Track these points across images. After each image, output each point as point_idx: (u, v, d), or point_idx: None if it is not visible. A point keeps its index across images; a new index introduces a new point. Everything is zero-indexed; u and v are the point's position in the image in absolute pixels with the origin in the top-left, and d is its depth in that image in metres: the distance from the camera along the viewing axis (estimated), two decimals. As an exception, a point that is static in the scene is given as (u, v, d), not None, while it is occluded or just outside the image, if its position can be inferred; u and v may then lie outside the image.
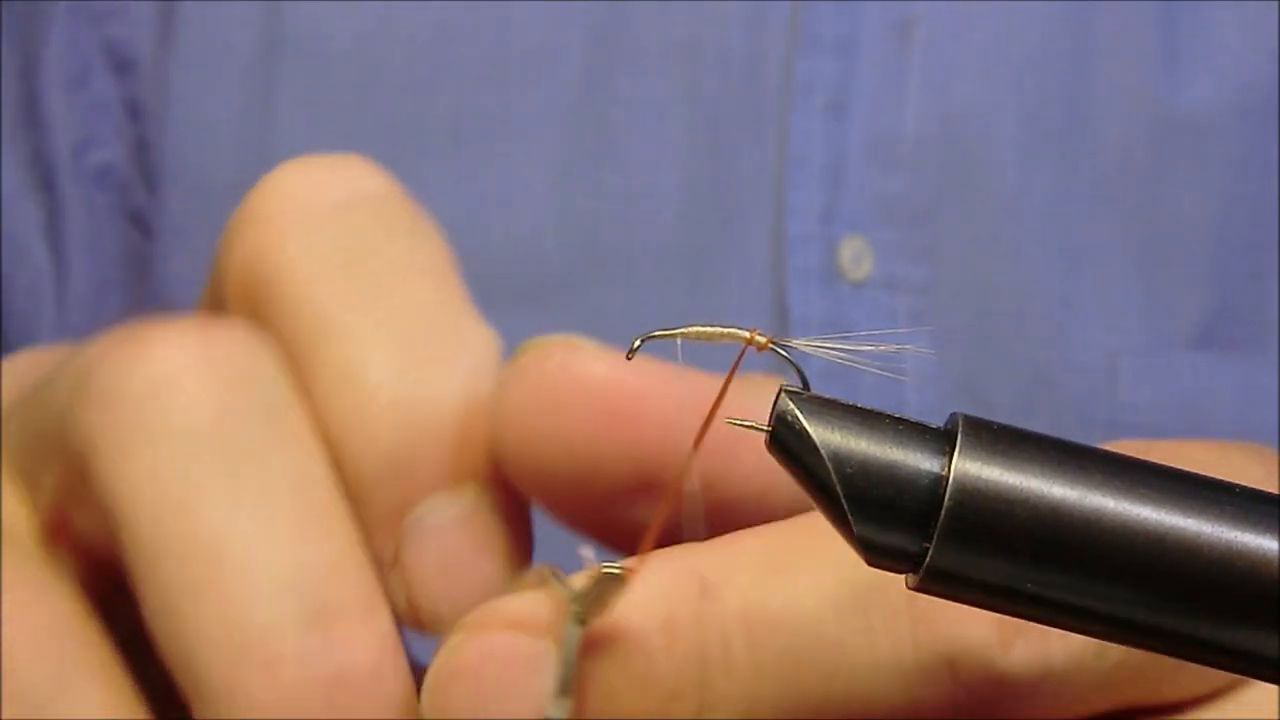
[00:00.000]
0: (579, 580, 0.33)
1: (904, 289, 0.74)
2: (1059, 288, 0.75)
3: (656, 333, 0.35)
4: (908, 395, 0.73)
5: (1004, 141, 0.75)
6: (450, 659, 0.31)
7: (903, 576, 0.33)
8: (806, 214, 0.74)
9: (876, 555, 0.32)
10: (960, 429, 0.32)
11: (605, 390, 0.35)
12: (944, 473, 0.32)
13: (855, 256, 0.74)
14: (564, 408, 0.35)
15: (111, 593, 0.33)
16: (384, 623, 0.31)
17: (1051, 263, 0.75)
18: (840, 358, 0.35)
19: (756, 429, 0.34)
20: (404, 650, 0.32)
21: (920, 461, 0.32)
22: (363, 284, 0.34)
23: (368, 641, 0.30)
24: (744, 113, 0.74)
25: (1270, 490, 0.31)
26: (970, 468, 0.31)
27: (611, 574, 0.32)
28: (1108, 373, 0.75)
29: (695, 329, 0.35)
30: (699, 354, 0.36)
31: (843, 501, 0.32)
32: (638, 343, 0.35)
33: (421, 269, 0.36)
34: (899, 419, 0.33)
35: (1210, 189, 0.76)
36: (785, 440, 0.33)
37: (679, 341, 0.35)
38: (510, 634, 0.32)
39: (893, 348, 0.36)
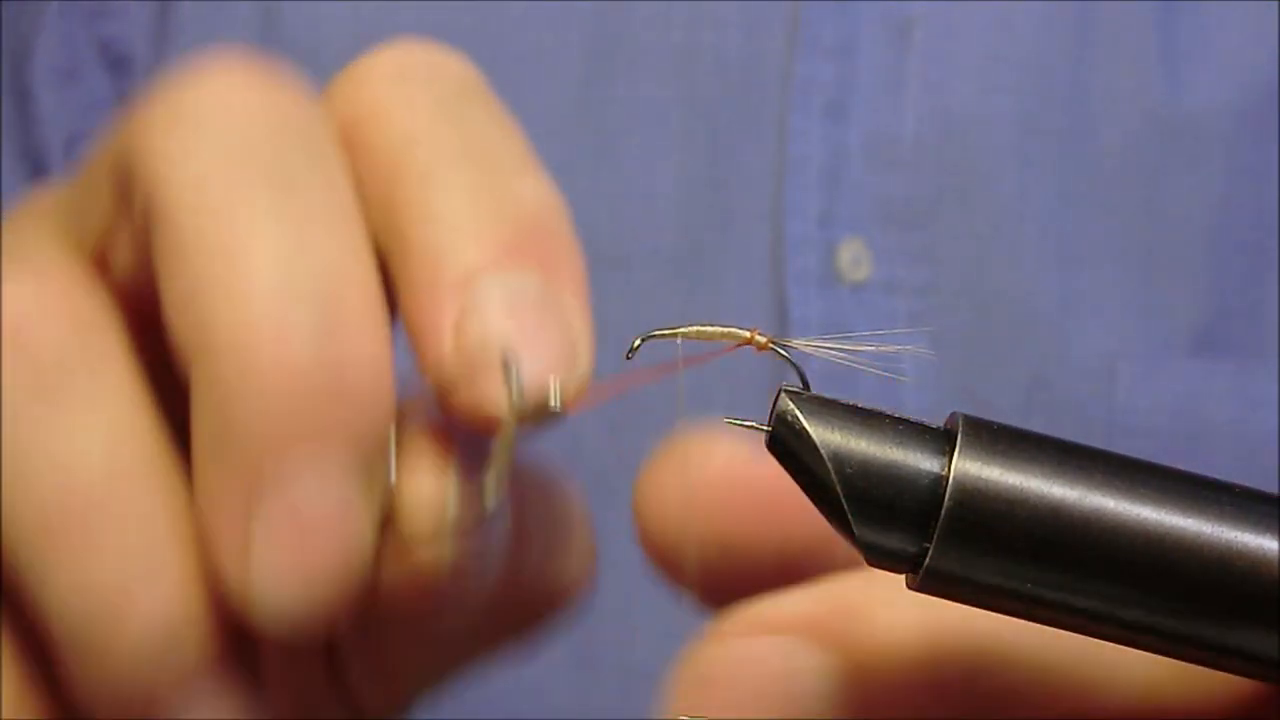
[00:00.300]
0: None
1: (903, 291, 0.74)
2: (1058, 290, 0.75)
3: (657, 332, 0.35)
4: (906, 397, 0.73)
5: (1003, 143, 0.75)
6: (708, 661, 0.34)
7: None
8: (805, 216, 0.74)
9: (876, 555, 0.32)
10: (960, 429, 0.32)
11: (749, 487, 0.37)
12: (944, 473, 0.32)
13: (854, 259, 0.74)
14: (715, 508, 0.37)
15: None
16: (385, 338, 0.32)
17: (1050, 265, 0.75)
18: (840, 358, 0.35)
19: (757, 429, 0.34)
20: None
21: (920, 461, 0.32)
22: (454, 130, 0.35)
23: (370, 342, 0.31)
24: (742, 114, 0.74)
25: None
26: (970, 468, 0.31)
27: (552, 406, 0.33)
28: (1106, 376, 0.75)
29: (695, 328, 0.35)
30: (700, 353, 0.36)
31: (843, 501, 0.32)
32: (638, 342, 0.35)
33: (502, 130, 0.37)
34: (899, 419, 0.33)
35: (1209, 192, 0.76)
36: (785, 440, 0.33)
37: (679, 341, 0.35)
38: (768, 640, 0.34)
39: (892, 349, 0.36)
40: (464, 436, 0.33)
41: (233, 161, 0.31)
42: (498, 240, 0.32)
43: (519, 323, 0.31)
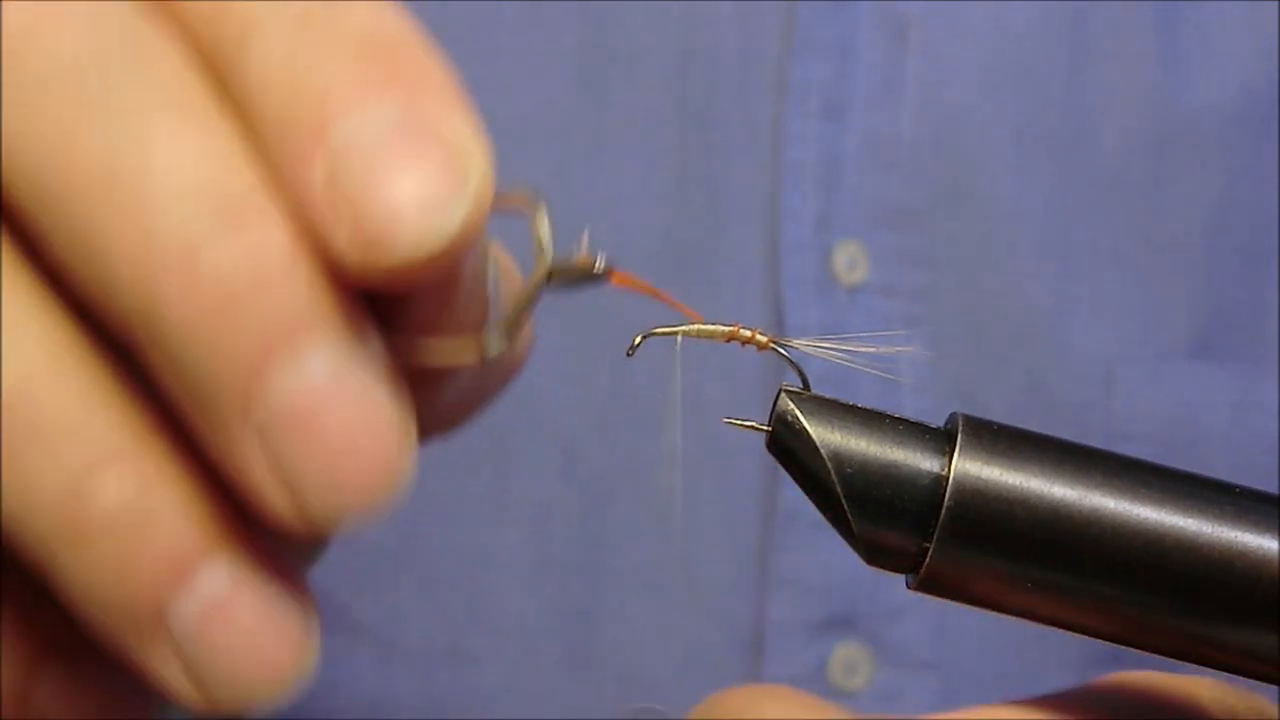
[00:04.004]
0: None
1: (899, 294, 0.74)
2: (1055, 293, 0.75)
3: (657, 330, 0.35)
4: (904, 400, 0.73)
5: (1000, 145, 0.75)
6: None
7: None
8: (801, 218, 0.74)
9: (876, 555, 0.32)
10: (960, 429, 0.32)
11: None
12: (944, 473, 0.32)
13: (850, 262, 0.74)
14: None
15: None
16: (169, 446, 0.30)
17: (1048, 268, 0.75)
18: (840, 358, 0.35)
19: (756, 429, 0.34)
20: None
21: (920, 461, 0.32)
22: None
23: (275, 229, 0.29)
24: (738, 116, 0.74)
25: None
26: (970, 468, 0.31)
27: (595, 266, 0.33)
28: (1104, 380, 0.75)
29: (696, 327, 0.35)
30: (699, 353, 0.36)
31: (843, 501, 0.32)
32: (638, 339, 0.35)
33: None
34: (899, 419, 0.33)
35: (1208, 194, 0.76)
36: (785, 440, 0.33)
37: (679, 339, 0.35)
38: None
39: (893, 350, 0.36)
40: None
41: (56, 83, 0.29)
42: (342, 78, 0.29)
43: (391, 161, 0.28)
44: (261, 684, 0.30)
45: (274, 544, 0.31)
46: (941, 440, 0.32)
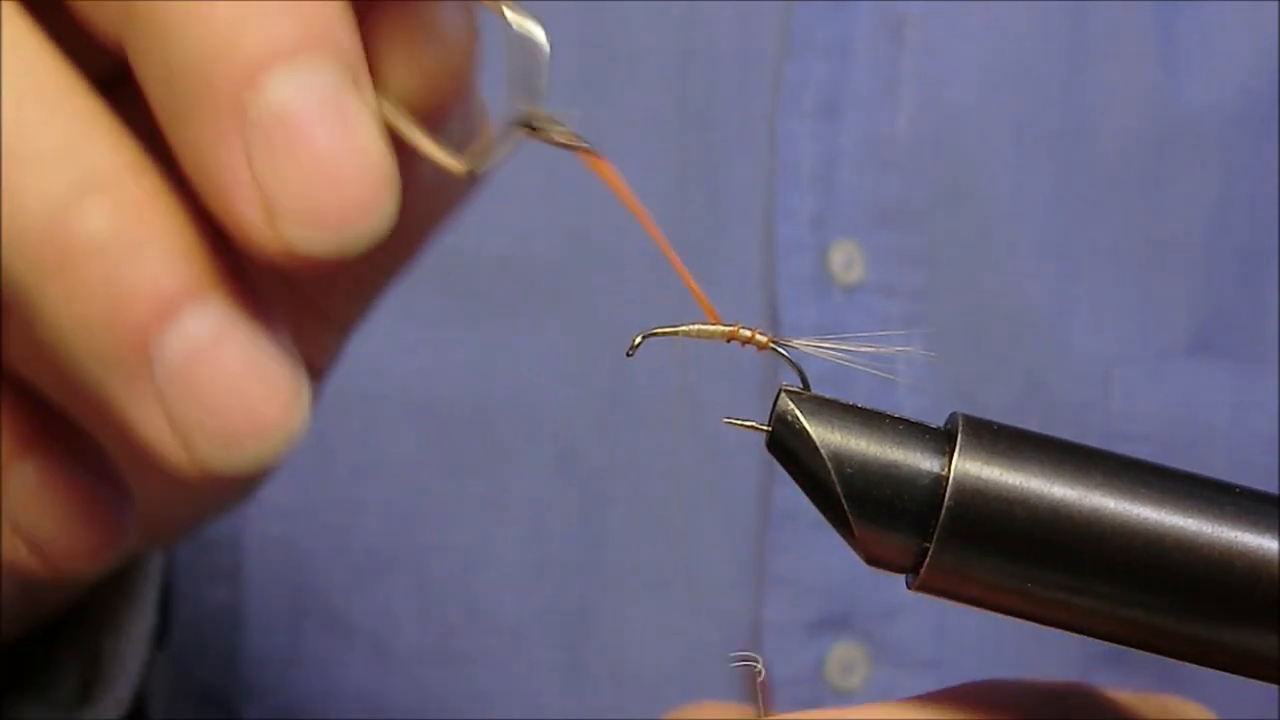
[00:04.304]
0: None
1: (897, 294, 0.74)
2: (1054, 293, 0.75)
3: (657, 330, 0.34)
4: (902, 400, 0.72)
5: (998, 144, 0.75)
6: None
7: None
8: (797, 219, 0.74)
9: (876, 555, 0.32)
10: (960, 429, 0.32)
11: None
12: (944, 473, 0.32)
13: (847, 261, 0.74)
14: None
15: None
16: (158, 182, 0.30)
17: (1046, 268, 0.75)
18: (839, 358, 0.35)
19: (756, 429, 0.34)
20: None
21: (920, 461, 0.32)
22: None
23: (146, 199, 0.29)
24: (735, 115, 0.74)
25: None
26: (970, 468, 0.31)
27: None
28: (1103, 379, 0.75)
29: (696, 327, 0.35)
30: (699, 353, 0.36)
31: (843, 501, 0.32)
32: (639, 340, 0.35)
33: None
34: (899, 419, 0.33)
35: (1207, 193, 0.76)
36: (785, 440, 0.33)
37: (679, 339, 0.35)
38: None
39: (892, 350, 0.36)
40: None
41: None
42: (262, 38, 0.28)
43: (312, 133, 0.28)
44: (247, 439, 0.29)
45: (270, 304, 0.30)
46: (941, 440, 0.32)
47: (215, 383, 0.29)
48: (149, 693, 0.77)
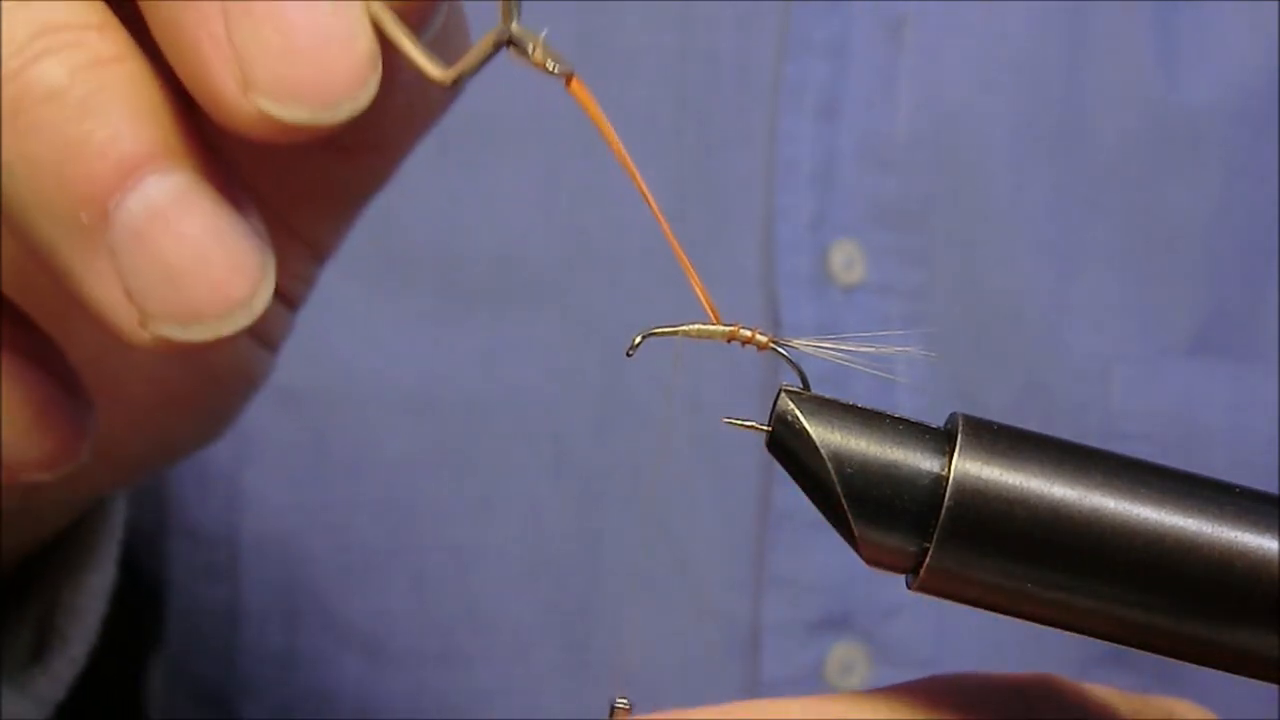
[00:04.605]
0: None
1: (896, 293, 0.74)
2: (1052, 292, 0.75)
3: (657, 330, 0.34)
4: (901, 400, 0.72)
5: (997, 143, 0.75)
6: None
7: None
8: (796, 218, 0.73)
9: (876, 555, 0.32)
10: (960, 429, 0.32)
11: None
12: (944, 473, 0.32)
13: (846, 261, 0.74)
14: None
15: None
16: (127, 45, 0.29)
17: (1045, 267, 0.75)
18: (839, 358, 0.35)
19: (756, 429, 0.34)
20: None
21: (920, 461, 0.32)
22: None
23: (112, 57, 0.28)
24: (734, 114, 0.74)
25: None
26: (970, 468, 0.31)
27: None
28: (1102, 379, 0.75)
29: (696, 327, 0.35)
30: (699, 353, 0.36)
31: (843, 501, 0.32)
32: (638, 339, 0.34)
33: None
34: (899, 419, 0.33)
35: (1206, 192, 0.76)
36: (785, 440, 0.33)
37: (679, 339, 0.35)
38: None
39: (892, 349, 0.36)
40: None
41: None
42: None
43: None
44: (207, 313, 0.28)
45: (241, 189, 0.30)
46: (941, 440, 0.32)
47: (176, 251, 0.28)
48: (146, 691, 0.77)
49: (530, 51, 0.32)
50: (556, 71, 0.32)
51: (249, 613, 0.73)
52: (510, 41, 0.32)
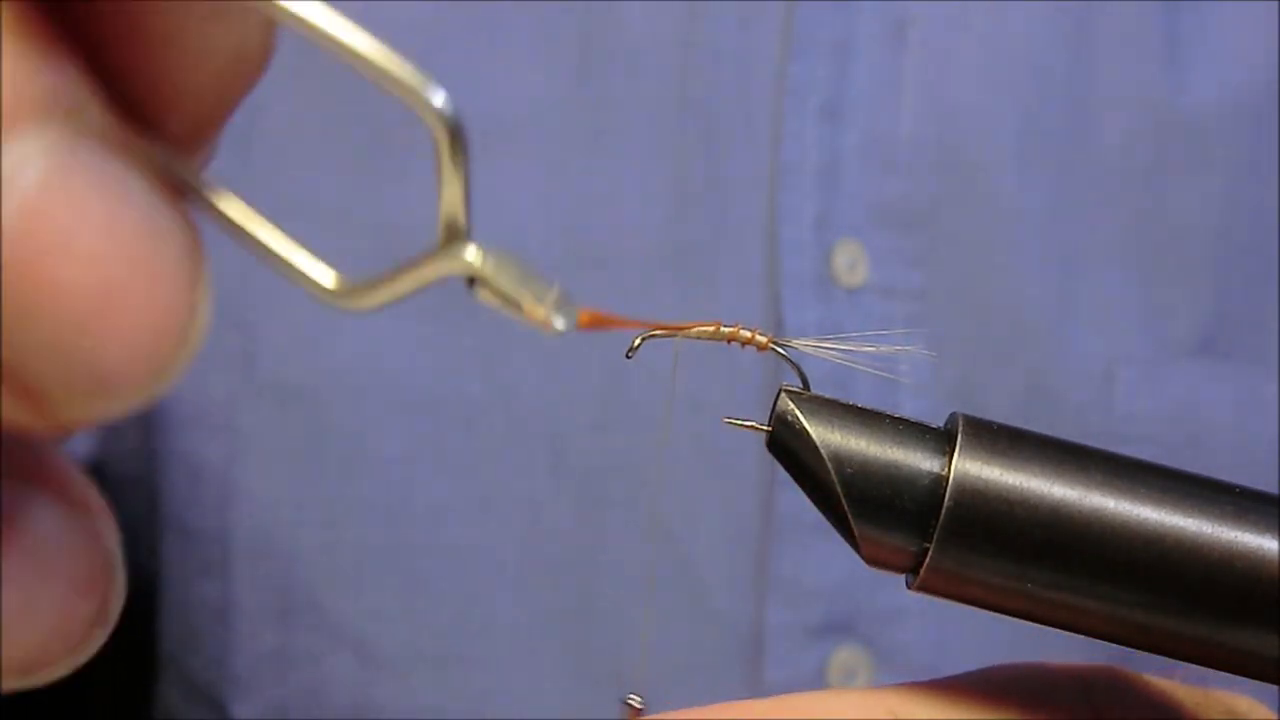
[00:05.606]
0: None
1: (899, 295, 0.74)
2: (1056, 293, 0.75)
3: (657, 331, 0.34)
4: (903, 401, 0.72)
5: (1002, 144, 0.75)
6: None
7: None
8: (800, 219, 0.73)
9: (876, 555, 0.32)
10: (960, 429, 0.32)
11: None
12: (944, 473, 0.31)
13: (850, 262, 0.74)
14: None
15: None
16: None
17: (1049, 268, 0.75)
18: (840, 359, 0.35)
19: (757, 429, 0.34)
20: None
21: (920, 461, 0.32)
22: None
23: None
24: (736, 115, 0.74)
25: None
26: (970, 468, 0.31)
27: None
28: (1105, 380, 0.75)
29: (696, 328, 0.35)
30: (699, 353, 0.36)
31: (843, 501, 0.32)
32: (638, 341, 0.34)
33: None
34: (899, 419, 0.33)
35: (1210, 193, 0.76)
36: (785, 440, 0.33)
37: (679, 339, 0.35)
38: None
39: (893, 350, 0.36)
40: None
41: None
42: None
43: None
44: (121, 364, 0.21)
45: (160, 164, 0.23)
46: (941, 440, 0.32)
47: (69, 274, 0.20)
48: (155, 694, 0.77)
49: (521, 309, 0.26)
50: (563, 328, 0.27)
51: (242, 610, 0.72)
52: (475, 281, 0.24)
